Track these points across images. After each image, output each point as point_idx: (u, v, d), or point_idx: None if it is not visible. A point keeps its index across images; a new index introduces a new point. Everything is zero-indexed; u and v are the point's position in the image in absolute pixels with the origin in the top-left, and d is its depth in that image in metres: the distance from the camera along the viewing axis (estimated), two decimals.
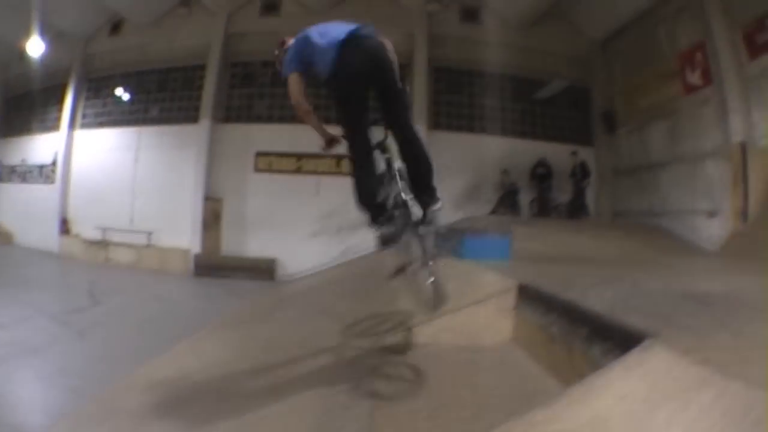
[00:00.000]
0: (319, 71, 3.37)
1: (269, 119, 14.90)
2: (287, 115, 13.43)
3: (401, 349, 3.81)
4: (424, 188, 3.55)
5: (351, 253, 11.75)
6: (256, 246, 14.15)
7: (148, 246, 15.40)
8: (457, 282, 4.93)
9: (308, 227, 13.11)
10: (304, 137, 12.05)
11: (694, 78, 11.64)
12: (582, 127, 16.01)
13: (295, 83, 3.44)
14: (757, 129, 10.02)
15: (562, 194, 14.54)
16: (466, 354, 3.70)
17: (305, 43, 3.45)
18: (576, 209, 14.20)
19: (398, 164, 3.54)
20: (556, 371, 3.06)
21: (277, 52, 3.78)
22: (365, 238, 11.35)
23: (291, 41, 3.65)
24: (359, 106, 3.40)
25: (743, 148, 10.10)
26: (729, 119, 10.38)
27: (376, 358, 3.76)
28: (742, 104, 10.15)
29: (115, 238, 15.65)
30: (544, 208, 14.45)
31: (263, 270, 13.39)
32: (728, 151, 10.43)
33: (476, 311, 4.11)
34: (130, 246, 15.45)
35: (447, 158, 13.56)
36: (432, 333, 3.94)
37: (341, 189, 11.84)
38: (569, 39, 15.48)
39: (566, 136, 15.79)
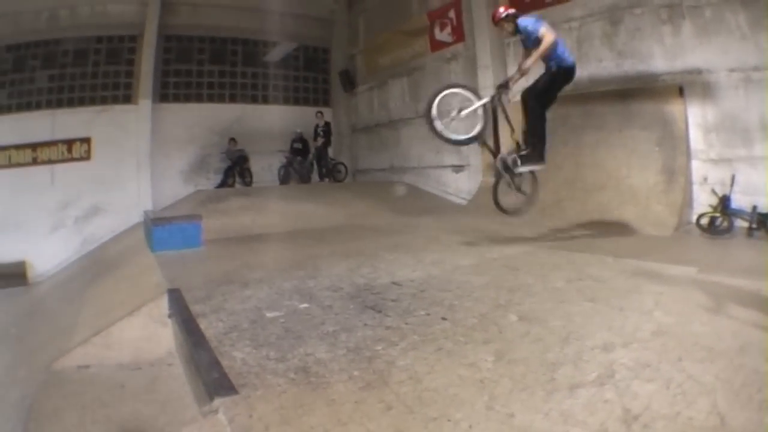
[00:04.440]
0: (557, 60, 5.80)
1: (8, 109, 12.72)
2: (24, 103, 12.65)
3: None
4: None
5: (91, 242, 12.24)
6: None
7: None
8: (125, 286, 5.41)
9: (49, 221, 12.39)
10: (38, 125, 12.36)
11: (444, 35, 11.76)
12: (321, 88, 16.40)
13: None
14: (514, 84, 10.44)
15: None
16: (123, 374, 3.53)
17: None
18: (328, 171, 14.21)
19: None
20: (199, 395, 2.79)
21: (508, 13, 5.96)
22: (101, 225, 12.59)
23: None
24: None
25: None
26: (479, 75, 10.45)
27: None
28: (495, 60, 10.30)
29: None
30: (299, 177, 14.29)
31: (13, 275, 11.58)
32: None
33: (132, 323, 3.96)
34: None
35: (175, 132, 13.84)
36: (95, 353, 3.74)
37: (76, 175, 12.65)
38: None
39: (304, 97, 16.07)
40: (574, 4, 8.97)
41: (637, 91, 7.98)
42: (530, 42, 5.81)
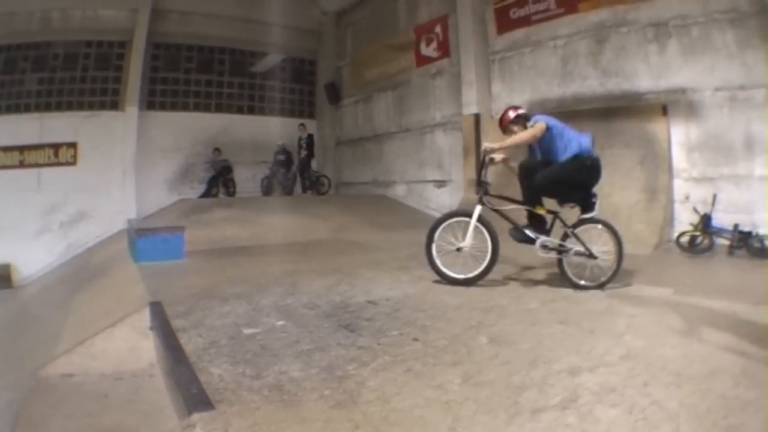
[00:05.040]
0: (553, 150, 4.97)
1: None
2: (13, 105, 12.73)
3: None
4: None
5: (76, 247, 12.29)
6: None
7: None
8: (109, 298, 5.41)
9: (34, 225, 12.39)
10: (26, 128, 12.39)
11: (429, 50, 11.89)
12: (307, 100, 16.58)
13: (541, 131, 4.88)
14: (497, 101, 10.20)
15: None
16: (107, 384, 3.57)
17: (560, 128, 4.98)
18: (311, 183, 14.15)
19: None
20: (179, 409, 2.84)
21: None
22: (85, 231, 12.58)
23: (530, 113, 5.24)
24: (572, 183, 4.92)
25: (477, 120, 10.16)
26: (463, 91, 10.58)
27: None
28: (480, 77, 10.32)
29: None
30: (282, 188, 14.20)
31: None
32: (460, 122, 10.66)
33: (115, 333, 4.01)
34: None
35: (161, 140, 13.92)
36: (79, 362, 3.78)
37: (62, 180, 12.61)
38: (301, 11, 15.46)
39: (290, 109, 16.11)
40: (560, 22, 9.08)
41: (621, 110, 8.06)
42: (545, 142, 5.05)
